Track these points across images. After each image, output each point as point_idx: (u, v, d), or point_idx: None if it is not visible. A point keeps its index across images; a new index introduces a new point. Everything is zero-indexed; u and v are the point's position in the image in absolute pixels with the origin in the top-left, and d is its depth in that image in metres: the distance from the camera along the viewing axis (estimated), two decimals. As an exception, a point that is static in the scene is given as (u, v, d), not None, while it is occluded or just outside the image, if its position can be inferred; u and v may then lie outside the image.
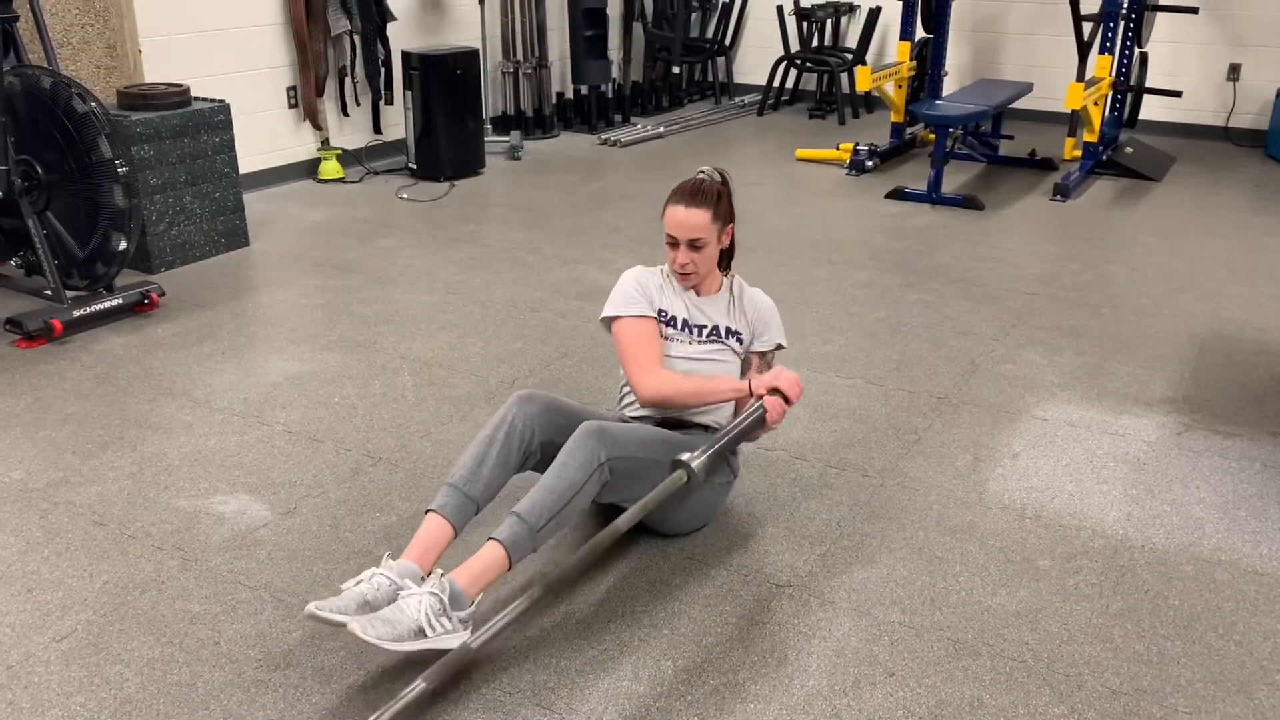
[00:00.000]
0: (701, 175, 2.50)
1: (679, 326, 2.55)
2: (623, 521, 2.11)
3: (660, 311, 2.55)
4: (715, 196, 2.46)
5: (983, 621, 2.27)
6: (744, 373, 2.60)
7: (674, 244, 2.48)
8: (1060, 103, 5.70)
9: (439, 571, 2.09)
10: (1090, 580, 2.42)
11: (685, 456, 2.18)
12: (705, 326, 2.56)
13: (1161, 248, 4.82)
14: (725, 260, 2.62)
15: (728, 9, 8.20)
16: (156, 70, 4.98)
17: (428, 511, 2.25)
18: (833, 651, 2.17)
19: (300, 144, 5.88)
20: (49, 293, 3.82)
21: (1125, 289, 4.29)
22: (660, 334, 2.53)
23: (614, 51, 7.67)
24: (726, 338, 2.56)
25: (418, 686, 1.90)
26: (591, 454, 2.25)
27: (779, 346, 2.63)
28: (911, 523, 2.64)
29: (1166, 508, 2.71)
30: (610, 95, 7.41)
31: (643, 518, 2.14)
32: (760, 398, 2.35)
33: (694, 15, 8.24)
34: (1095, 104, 5.78)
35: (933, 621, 2.27)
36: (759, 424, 2.33)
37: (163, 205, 4.37)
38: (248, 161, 5.35)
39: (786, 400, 2.35)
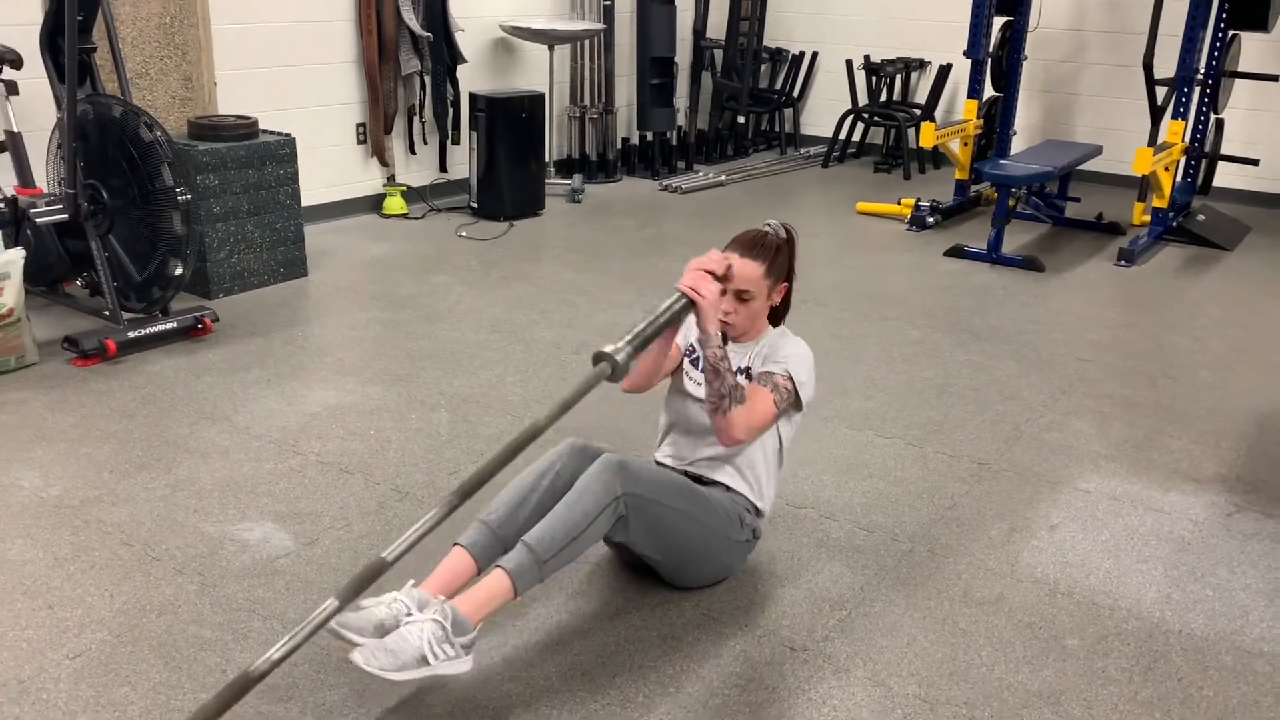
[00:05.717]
0: (766, 228, 2.44)
1: (699, 365, 2.53)
2: (544, 419, 2.01)
3: (691, 347, 2.53)
4: (774, 251, 2.40)
5: (1002, 700, 2.18)
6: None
7: (722, 290, 2.45)
8: (1130, 166, 5.58)
9: (441, 598, 2.08)
10: (1120, 664, 2.31)
11: (609, 349, 2.10)
12: None
13: (1228, 319, 4.67)
14: (776, 318, 2.57)
15: (797, 61, 8.22)
16: (230, 103, 5.13)
17: (455, 545, 2.24)
18: (842, 721, 2.11)
19: (367, 179, 6.00)
20: (107, 313, 3.93)
21: (1185, 360, 4.16)
22: (680, 363, 2.53)
23: (681, 100, 7.72)
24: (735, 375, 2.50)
25: (330, 605, 1.86)
26: (607, 487, 2.23)
27: (788, 375, 2.40)
28: (938, 592, 2.56)
29: (1209, 592, 2.60)
30: (674, 142, 7.46)
31: (557, 415, 2.04)
32: (679, 289, 2.25)
33: (763, 66, 8.28)
34: (1166, 169, 5.65)
35: (949, 696, 2.19)
36: (688, 309, 2.24)
37: (224, 233, 4.48)
38: (315, 194, 5.48)
39: (713, 276, 2.26)
